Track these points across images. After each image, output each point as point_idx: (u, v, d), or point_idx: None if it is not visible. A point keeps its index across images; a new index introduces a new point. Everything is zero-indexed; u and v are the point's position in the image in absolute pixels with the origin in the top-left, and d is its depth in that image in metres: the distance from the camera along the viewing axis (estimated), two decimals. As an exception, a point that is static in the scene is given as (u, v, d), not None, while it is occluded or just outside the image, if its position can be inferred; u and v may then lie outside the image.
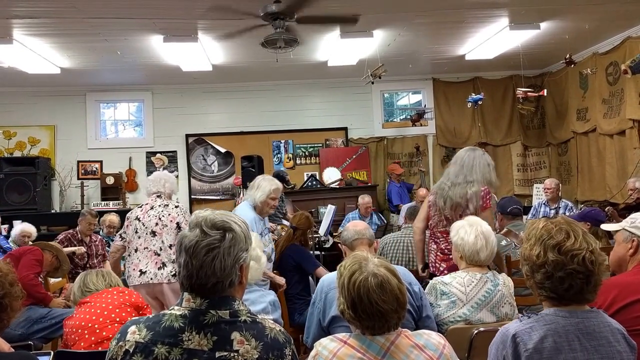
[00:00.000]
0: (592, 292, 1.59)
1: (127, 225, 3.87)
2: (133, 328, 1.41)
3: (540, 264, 1.60)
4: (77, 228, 5.42)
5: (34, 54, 5.89)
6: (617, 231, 2.12)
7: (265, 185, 3.74)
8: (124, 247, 3.90)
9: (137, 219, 3.79)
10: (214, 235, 1.39)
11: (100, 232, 6.01)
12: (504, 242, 3.57)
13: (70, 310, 3.43)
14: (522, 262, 1.69)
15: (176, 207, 3.84)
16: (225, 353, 1.35)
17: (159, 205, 3.82)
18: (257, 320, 1.44)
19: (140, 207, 3.90)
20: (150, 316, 1.44)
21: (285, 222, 5.52)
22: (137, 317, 1.48)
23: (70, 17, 4.93)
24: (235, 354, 1.35)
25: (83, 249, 5.12)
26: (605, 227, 2.26)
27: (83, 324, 2.48)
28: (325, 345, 1.62)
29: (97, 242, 5.47)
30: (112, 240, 5.86)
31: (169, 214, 3.76)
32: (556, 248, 1.58)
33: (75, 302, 2.70)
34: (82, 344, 2.43)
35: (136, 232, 3.77)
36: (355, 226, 2.71)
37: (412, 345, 1.59)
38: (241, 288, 1.48)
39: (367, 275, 1.61)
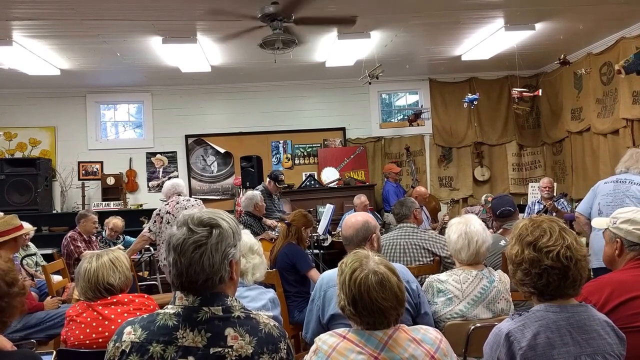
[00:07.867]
0: (572, 287, 1.62)
1: (158, 220, 4.69)
2: (128, 328, 1.43)
3: (518, 262, 1.65)
4: (77, 229, 5.49)
5: (34, 55, 5.91)
6: (605, 230, 2.18)
7: None
8: (150, 239, 4.83)
9: (168, 212, 4.68)
10: (201, 232, 1.40)
11: (103, 233, 6.06)
12: (502, 242, 3.54)
13: (67, 306, 3.46)
14: (508, 262, 1.74)
15: (194, 199, 5.00)
16: (220, 349, 1.36)
17: (183, 200, 4.82)
18: (251, 315, 1.44)
19: (167, 203, 4.79)
20: (145, 316, 1.46)
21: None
22: (132, 318, 1.49)
23: (69, 19, 4.95)
24: (230, 350, 1.36)
25: None
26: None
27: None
28: (325, 340, 1.65)
29: (95, 244, 5.57)
30: (114, 243, 5.95)
31: (192, 205, 4.80)
32: (531, 245, 1.62)
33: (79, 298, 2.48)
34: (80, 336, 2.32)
35: (168, 222, 4.65)
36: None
37: (409, 339, 1.62)
38: (233, 284, 1.48)
39: (367, 273, 1.64)
